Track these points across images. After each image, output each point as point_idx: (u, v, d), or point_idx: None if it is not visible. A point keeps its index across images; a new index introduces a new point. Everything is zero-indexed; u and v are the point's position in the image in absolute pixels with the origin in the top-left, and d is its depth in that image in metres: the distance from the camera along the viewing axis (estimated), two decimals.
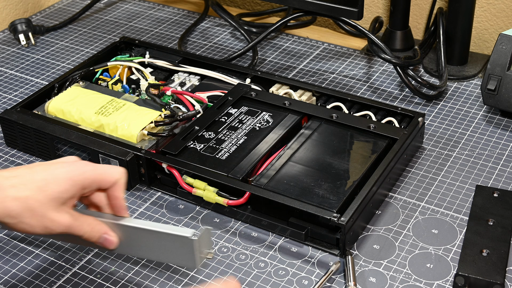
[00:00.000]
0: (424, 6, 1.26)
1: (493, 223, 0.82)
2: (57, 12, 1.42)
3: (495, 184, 0.91)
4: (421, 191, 0.90)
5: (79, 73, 1.07)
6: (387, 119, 0.97)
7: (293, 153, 0.91)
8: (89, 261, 0.82)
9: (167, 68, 1.09)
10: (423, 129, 0.97)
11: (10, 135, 1.00)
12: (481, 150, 0.97)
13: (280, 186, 0.85)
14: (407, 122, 0.96)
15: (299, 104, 0.99)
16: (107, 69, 1.10)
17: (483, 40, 1.23)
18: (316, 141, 0.93)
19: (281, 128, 0.95)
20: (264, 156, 0.90)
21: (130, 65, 1.08)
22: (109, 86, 1.07)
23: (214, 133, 0.94)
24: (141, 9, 1.41)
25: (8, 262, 0.82)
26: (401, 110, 0.97)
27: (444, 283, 0.77)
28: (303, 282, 0.78)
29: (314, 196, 0.83)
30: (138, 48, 1.15)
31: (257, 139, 0.93)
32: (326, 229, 0.82)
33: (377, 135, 0.93)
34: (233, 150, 0.91)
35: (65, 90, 1.04)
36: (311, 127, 0.95)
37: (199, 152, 0.91)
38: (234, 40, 1.28)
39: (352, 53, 1.22)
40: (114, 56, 1.14)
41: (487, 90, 1.00)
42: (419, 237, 0.83)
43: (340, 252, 0.81)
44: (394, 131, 0.92)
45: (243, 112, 0.98)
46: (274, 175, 0.87)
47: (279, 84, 1.05)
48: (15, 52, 1.27)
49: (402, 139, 0.91)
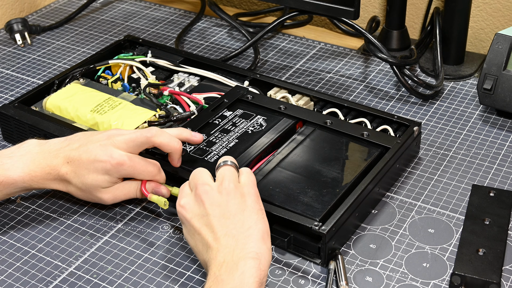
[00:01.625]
0: (421, 5, 1.26)
1: (489, 222, 0.82)
2: (53, 11, 1.42)
3: (491, 184, 0.91)
4: (418, 190, 0.90)
5: (80, 70, 1.07)
6: (383, 127, 0.94)
7: (282, 159, 0.89)
8: (85, 261, 0.82)
9: (168, 68, 1.09)
10: (419, 139, 0.95)
11: (7, 130, 1.01)
12: (477, 149, 0.97)
13: (265, 191, 0.84)
14: (403, 130, 0.94)
15: (294, 108, 0.97)
16: (109, 67, 1.10)
17: (479, 40, 1.23)
18: (308, 147, 0.91)
19: (273, 132, 0.93)
20: (253, 160, 0.89)
21: (131, 63, 1.08)
22: (109, 84, 1.07)
23: (206, 135, 0.93)
24: (138, 9, 1.41)
25: (4, 262, 0.82)
26: (397, 119, 0.94)
27: (441, 283, 0.77)
28: (300, 281, 0.78)
29: (298, 203, 0.82)
30: (142, 47, 1.15)
31: (248, 143, 0.92)
32: (309, 237, 0.80)
33: (370, 143, 0.91)
34: (223, 153, 0.90)
35: (64, 87, 1.04)
36: (304, 133, 0.94)
37: (189, 154, 0.90)
38: (231, 39, 1.28)
39: (348, 52, 1.22)
40: (118, 54, 1.14)
41: (483, 90, 1.01)
42: (415, 236, 0.83)
43: (322, 262, 0.79)
44: (388, 140, 0.90)
45: (237, 115, 0.97)
46: (260, 180, 0.86)
47: (277, 87, 1.04)
48: (11, 51, 1.27)
49: (395, 148, 0.89)
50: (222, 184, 0.75)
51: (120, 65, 1.09)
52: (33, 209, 0.89)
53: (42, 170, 0.83)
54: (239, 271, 0.68)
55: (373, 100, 1.09)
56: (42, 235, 0.85)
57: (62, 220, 0.88)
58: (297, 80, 1.15)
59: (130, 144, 0.83)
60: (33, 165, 0.83)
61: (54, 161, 0.83)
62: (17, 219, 0.88)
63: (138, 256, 0.82)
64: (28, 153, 0.84)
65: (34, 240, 0.85)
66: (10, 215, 0.89)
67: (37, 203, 0.90)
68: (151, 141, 0.83)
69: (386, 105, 1.07)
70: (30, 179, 0.83)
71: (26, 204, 0.90)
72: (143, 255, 0.82)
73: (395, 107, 1.07)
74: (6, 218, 0.88)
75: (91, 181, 0.82)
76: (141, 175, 0.84)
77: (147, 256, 0.82)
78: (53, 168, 0.83)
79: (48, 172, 0.83)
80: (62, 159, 0.83)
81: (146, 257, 0.82)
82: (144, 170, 0.83)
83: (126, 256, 0.82)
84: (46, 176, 0.83)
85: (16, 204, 0.90)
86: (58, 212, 0.89)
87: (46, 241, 0.84)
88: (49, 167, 0.83)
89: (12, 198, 0.91)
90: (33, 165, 0.83)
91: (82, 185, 0.83)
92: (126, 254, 0.82)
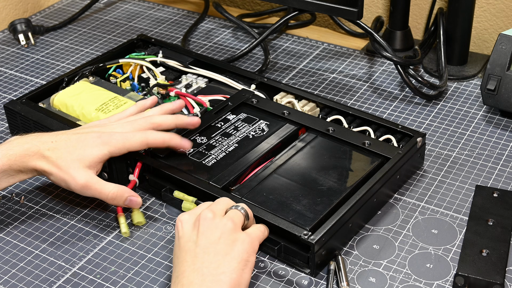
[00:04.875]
0: (424, 6, 1.26)
1: (493, 223, 0.82)
2: (57, 12, 1.42)
3: (494, 184, 0.91)
4: (421, 191, 0.90)
5: (90, 69, 1.07)
6: (386, 137, 0.92)
7: (280, 165, 0.88)
8: (89, 261, 0.82)
9: (178, 69, 1.09)
10: (423, 150, 0.93)
11: (14, 125, 1.01)
12: (481, 150, 0.97)
13: (259, 198, 0.83)
14: (407, 141, 0.91)
15: (298, 114, 0.96)
16: (121, 66, 1.10)
17: (482, 40, 1.23)
18: (307, 154, 0.90)
19: (274, 138, 0.92)
20: (251, 165, 0.88)
21: (141, 63, 1.08)
22: (118, 83, 1.07)
23: (207, 138, 0.93)
24: (141, 9, 1.41)
25: (7, 262, 0.82)
26: (401, 129, 0.92)
27: (444, 283, 0.77)
28: (303, 282, 0.78)
29: (290, 211, 0.80)
30: (153, 47, 1.15)
31: (248, 148, 0.91)
32: (299, 246, 0.79)
33: (370, 152, 0.89)
34: (221, 157, 0.89)
35: (73, 84, 1.05)
36: (306, 140, 0.92)
37: (187, 157, 0.90)
38: (235, 39, 1.28)
39: (352, 53, 1.22)
40: (130, 53, 1.14)
41: (486, 90, 1.00)
42: (418, 237, 0.83)
43: (311, 272, 0.78)
44: (389, 150, 0.88)
45: (240, 118, 0.96)
46: (255, 186, 0.85)
47: (284, 92, 1.03)
48: (15, 52, 1.27)
49: (395, 158, 0.87)
50: (222, 220, 0.73)
51: (130, 64, 1.09)
52: (36, 209, 0.90)
53: (21, 147, 0.82)
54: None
55: (377, 101, 1.09)
56: (46, 236, 0.85)
57: (66, 220, 0.88)
58: (300, 80, 1.15)
59: (126, 143, 0.84)
60: (11, 146, 0.83)
61: (34, 147, 0.83)
62: (20, 219, 0.88)
63: (142, 256, 0.82)
64: (7, 142, 0.84)
65: (38, 240, 0.85)
66: (13, 215, 0.89)
67: (41, 204, 0.90)
68: (150, 121, 0.86)
69: (390, 106, 1.07)
70: (7, 159, 0.82)
71: (29, 204, 0.90)
72: (146, 256, 0.82)
73: (398, 108, 1.07)
74: (9, 218, 0.88)
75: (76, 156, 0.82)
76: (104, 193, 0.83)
77: (150, 257, 0.82)
78: (33, 146, 0.83)
79: (27, 148, 0.82)
80: (42, 149, 0.83)
81: (149, 257, 0.82)
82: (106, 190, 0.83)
83: (130, 257, 0.82)
84: (25, 153, 0.82)
85: (19, 204, 0.90)
86: (61, 213, 0.89)
87: (50, 241, 0.85)
88: (28, 145, 0.83)
89: (15, 198, 0.91)
90: (10, 146, 0.83)
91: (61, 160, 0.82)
92: (130, 255, 0.82)
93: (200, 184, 0.85)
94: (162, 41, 1.16)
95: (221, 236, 0.72)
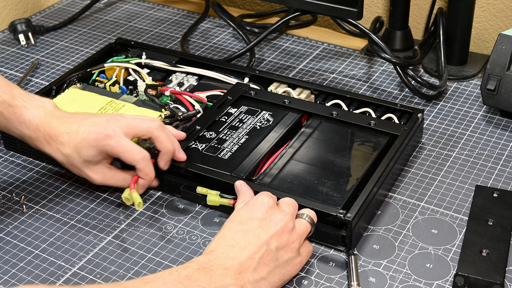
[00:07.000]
0: (424, 6, 1.26)
1: (493, 223, 0.82)
2: (57, 12, 1.42)
3: (494, 184, 0.91)
4: (421, 191, 0.90)
5: (76, 75, 1.07)
6: (387, 116, 0.97)
7: (295, 152, 0.91)
8: (89, 261, 0.82)
9: (164, 69, 1.09)
10: (422, 125, 0.98)
11: (9, 137, 0.99)
12: (481, 150, 0.97)
13: (284, 184, 0.85)
14: (407, 118, 0.97)
15: (299, 102, 0.99)
16: (103, 71, 1.10)
17: (482, 40, 1.23)
18: (317, 139, 0.93)
19: (282, 126, 0.95)
20: (266, 155, 0.90)
21: (127, 66, 1.08)
22: (107, 87, 1.07)
23: (215, 132, 0.94)
24: (141, 9, 1.41)
25: (7, 262, 0.82)
26: (400, 107, 0.97)
27: (444, 283, 0.77)
28: (303, 282, 0.78)
29: (318, 193, 0.83)
30: (134, 49, 1.14)
31: (259, 138, 0.93)
32: (331, 227, 0.82)
33: (378, 131, 0.93)
34: (235, 150, 0.91)
35: (63, 92, 1.04)
36: (312, 125, 0.95)
37: (201, 152, 0.91)
38: (234, 40, 1.28)
39: (352, 53, 1.22)
40: (110, 57, 1.13)
41: (486, 90, 1.00)
42: (418, 237, 0.83)
43: (346, 249, 0.81)
44: (395, 128, 0.93)
45: (243, 111, 0.98)
46: (277, 173, 0.87)
47: (277, 82, 1.05)
48: (15, 52, 1.27)
49: (403, 135, 0.91)
50: (292, 236, 0.75)
51: (114, 68, 1.09)
52: (36, 209, 0.90)
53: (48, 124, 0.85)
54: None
55: None
56: (46, 235, 0.85)
57: (66, 220, 0.88)
58: None
59: (129, 126, 0.85)
60: (44, 118, 0.86)
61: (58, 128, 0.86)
62: (20, 219, 0.88)
63: (142, 256, 0.82)
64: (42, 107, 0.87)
65: (38, 240, 0.85)
66: (13, 215, 0.89)
67: (41, 203, 0.90)
68: (151, 131, 0.85)
69: None
70: (35, 127, 0.85)
71: (30, 204, 0.90)
72: (146, 256, 0.82)
73: None
74: (9, 218, 0.88)
75: (80, 139, 0.84)
76: (124, 155, 0.84)
77: (150, 257, 0.82)
78: (53, 129, 0.85)
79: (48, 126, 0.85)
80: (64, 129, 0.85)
81: (149, 257, 0.82)
82: (128, 151, 0.84)
83: (130, 257, 0.82)
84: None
85: (19, 204, 0.90)
86: (61, 212, 0.89)
87: (50, 241, 0.85)
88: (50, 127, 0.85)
89: (15, 198, 0.91)
90: (44, 117, 0.86)
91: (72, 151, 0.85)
92: (130, 255, 0.82)
93: (223, 177, 0.86)
94: (142, 43, 1.16)
95: (284, 249, 0.74)
